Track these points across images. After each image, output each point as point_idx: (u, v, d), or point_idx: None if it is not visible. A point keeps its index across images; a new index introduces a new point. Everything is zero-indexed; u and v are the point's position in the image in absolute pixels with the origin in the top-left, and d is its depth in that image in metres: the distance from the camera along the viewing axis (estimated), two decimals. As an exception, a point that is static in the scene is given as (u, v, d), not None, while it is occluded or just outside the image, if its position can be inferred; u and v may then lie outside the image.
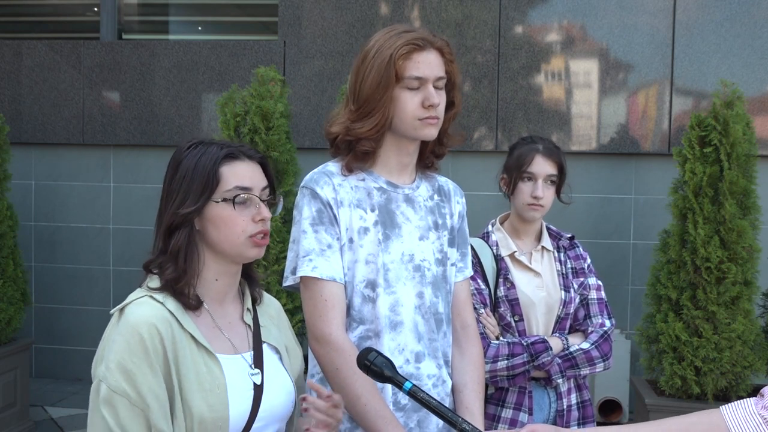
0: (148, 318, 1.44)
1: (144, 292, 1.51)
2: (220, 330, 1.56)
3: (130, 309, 1.47)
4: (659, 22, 4.89)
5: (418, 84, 1.80)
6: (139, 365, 1.40)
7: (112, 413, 1.39)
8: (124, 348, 1.41)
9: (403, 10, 5.12)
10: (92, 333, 5.41)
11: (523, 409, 2.35)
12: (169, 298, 1.50)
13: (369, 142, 1.84)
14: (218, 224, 1.52)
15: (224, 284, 1.58)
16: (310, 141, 5.10)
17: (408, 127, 1.83)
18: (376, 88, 1.79)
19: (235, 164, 1.54)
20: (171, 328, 1.46)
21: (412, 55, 1.79)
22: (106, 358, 1.43)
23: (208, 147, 1.55)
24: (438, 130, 1.86)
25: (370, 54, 1.82)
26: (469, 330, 2.01)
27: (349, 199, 1.85)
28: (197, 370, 1.46)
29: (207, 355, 1.49)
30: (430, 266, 1.90)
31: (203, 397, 1.45)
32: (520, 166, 2.42)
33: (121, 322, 1.46)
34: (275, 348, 1.66)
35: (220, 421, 1.45)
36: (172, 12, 5.97)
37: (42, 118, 5.50)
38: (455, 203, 2.02)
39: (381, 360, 1.55)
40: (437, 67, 1.83)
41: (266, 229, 1.56)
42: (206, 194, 1.50)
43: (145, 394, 1.40)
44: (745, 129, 3.69)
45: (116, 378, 1.39)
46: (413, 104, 1.81)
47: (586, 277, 2.47)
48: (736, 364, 3.63)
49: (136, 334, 1.41)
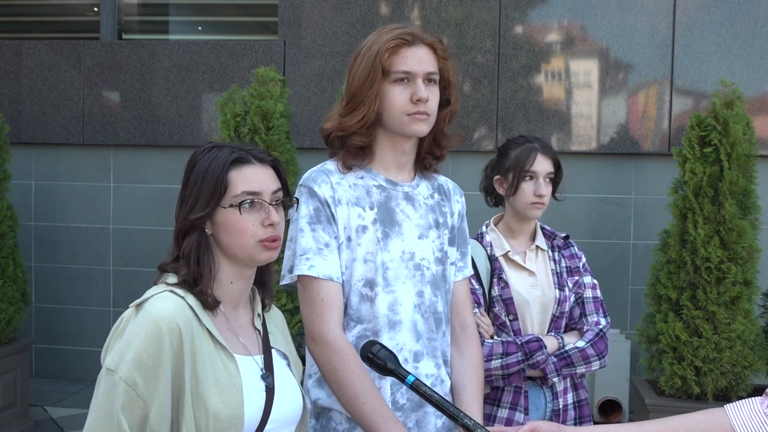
0: (169, 312, 1.44)
1: (164, 288, 1.51)
2: (234, 332, 1.57)
3: (151, 303, 1.47)
4: (659, 22, 4.89)
5: (407, 79, 1.81)
6: (154, 359, 1.41)
7: (119, 404, 1.39)
8: (142, 340, 1.41)
9: (403, 10, 5.12)
10: (92, 333, 5.41)
11: (519, 409, 2.35)
12: (189, 294, 1.51)
13: (359, 137, 1.84)
14: (228, 229, 1.53)
15: (238, 288, 1.60)
16: (310, 141, 5.10)
17: (397, 123, 1.83)
18: (363, 82, 1.81)
19: (244, 168, 1.54)
20: (191, 323, 1.47)
21: (400, 50, 1.80)
22: (120, 349, 1.42)
23: (219, 151, 1.55)
24: (428, 126, 1.85)
25: (362, 51, 1.84)
26: (469, 330, 2.01)
27: (347, 197, 1.84)
28: (214, 367, 1.47)
29: (224, 353, 1.50)
30: (429, 265, 1.89)
31: (219, 394, 1.46)
32: (522, 166, 2.41)
33: (141, 314, 1.46)
34: (283, 354, 1.67)
35: (235, 419, 1.46)
36: (172, 12, 5.97)
37: (42, 118, 5.50)
38: (455, 202, 2.02)
39: (384, 353, 1.56)
40: (427, 63, 1.82)
41: (276, 233, 1.55)
42: (215, 200, 1.52)
43: (153, 391, 1.41)
44: (745, 129, 3.69)
45: (129, 368, 1.40)
46: (402, 99, 1.81)
47: (581, 276, 2.47)
48: (736, 364, 3.63)
49: (157, 329, 1.42)
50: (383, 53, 1.79)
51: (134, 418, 1.40)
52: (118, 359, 1.41)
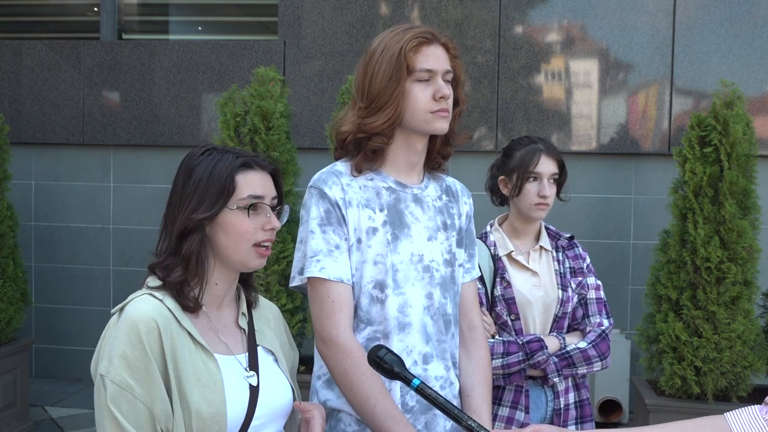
0: (147, 312, 1.47)
1: (144, 291, 1.54)
2: (216, 332, 1.59)
3: (131, 306, 1.50)
4: (659, 22, 4.89)
5: (429, 76, 1.81)
6: (141, 359, 1.43)
7: (119, 409, 1.41)
8: (125, 342, 1.44)
9: (403, 10, 5.12)
10: (92, 333, 5.41)
11: (520, 408, 2.35)
12: (168, 297, 1.53)
13: (381, 138, 1.83)
14: (229, 231, 1.56)
15: (223, 289, 1.62)
16: (310, 141, 5.10)
17: (420, 121, 1.82)
18: (387, 81, 1.79)
19: (249, 173, 1.58)
20: (169, 323, 1.49)
21: (421, 48, 1.80)
22: (107, 354, 1.45)
23: (223, 155, 1.59)
24: (449, 124, 1.86)
25: (377, 51, 1.83)
26: (476, 332, 2.00)
27: (358, 199, 1.84)
28: (195, 366, 1.49)
29: (204, 353, 1.52)
30: (438, 267, 1.88)
31: (201, 393, 1.47)
32: (526, 167, 2.41)
33: (122, 318, 1.48)
34: (269, 350, 1.69)
35: (217, 417, 1.48)
36: (172, 12, 5.97)
37: (42, 118, 5.50)
38: (463, 204, 2.01)
39: (391, 357, 1.58)
40: (445, 61, 1.83)
41: (273, 238, 1.60)
42: (222, 201, 1.55)
43: (150, 391, 1.43)
44: (745, 129, 3.69)
45: (119, 371, 1.42)
46: (425, 97, 1.81)
47: (584, 277, 2.47)
48: (736, 364, 3.64)
49: (135, 329, 1.44)
50: (408, 52, 1.79)
51: (140, 421, 1.41)
52: (107, 363, 1.44)
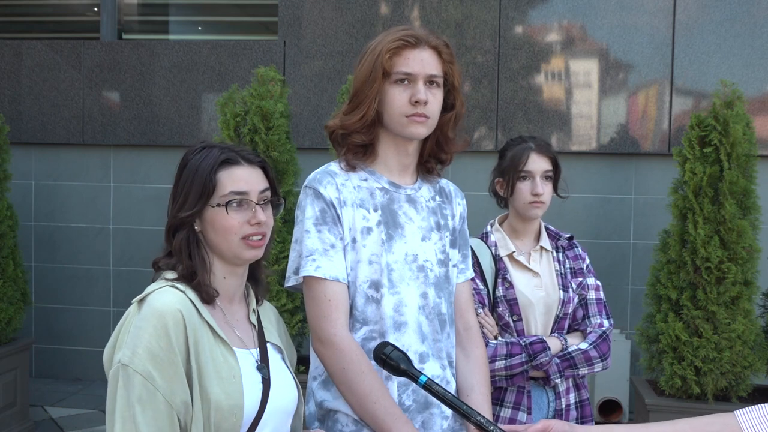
0: (173, 304, 1.49)
1: (164, 283, 1.56)
2: (231, 326, 1.62)
3: (154, 297, 1.51)
4: (659, 22, 4.89)
5: (407, 80, 1.82)
6: (167, 351, 1.45)
7: (133, 392, 1.42)
8: (151, 333, 1.45)
9: (403, 10, 5.12)
10: (92, 333, 5.41)
11: (522, 408, 2.35)
12: (189, 289, 1.56)
13: (359, 135, 1.86)
14: (215, 227, 1.58)
15: (232, 284, 1.65)
16: (310, 141, 5.10)
17: (396, 124, 1.84)
18: (365, 81, 1.83)
19: (233, 169, 1.60)
20: (193, 316, 1.52)
21: (402, 51, 1.81)
22: (131, 344, 1.45)
23: (210, 151, 1.61)
24: (427, 129, 1.86)
25: (367, 51, 1.86)
26: (472, 331, 2.01)
27: (352, 199, 1.85)
28: (215, 359, 1.52)
29: (224, 346, 1.55)
30: (432, 267, 1.90)
31: (220, 385, 1.50)
32: (516, 167, 2.42)
33: (144, 309, 1.50)
34: (278, 347, 1.72)
35: (235, 409, 1.51)
36: (172, 12, 5.97)
37: (42, 118, 5.50)
38: (456, 205, 2.02)
39: (397, 354, 1.60)
40: (430, 66, 1.83)
41: (262, 231, 1.61)
42: (203, 199, 1.58)
43: (170, 380, 1.44)
44: (745, 129, 3.69)
45: (143, 362, 1.43)
46: (401, 100, 1.82)
47: (584, 277, 2.48)
48: (736, 364, 3.64)
49: (162, 321, 1.46)
50: (384, 54, 1.80)
51: (157, 413, 1.42)
52: (131, 353, 1.44)
